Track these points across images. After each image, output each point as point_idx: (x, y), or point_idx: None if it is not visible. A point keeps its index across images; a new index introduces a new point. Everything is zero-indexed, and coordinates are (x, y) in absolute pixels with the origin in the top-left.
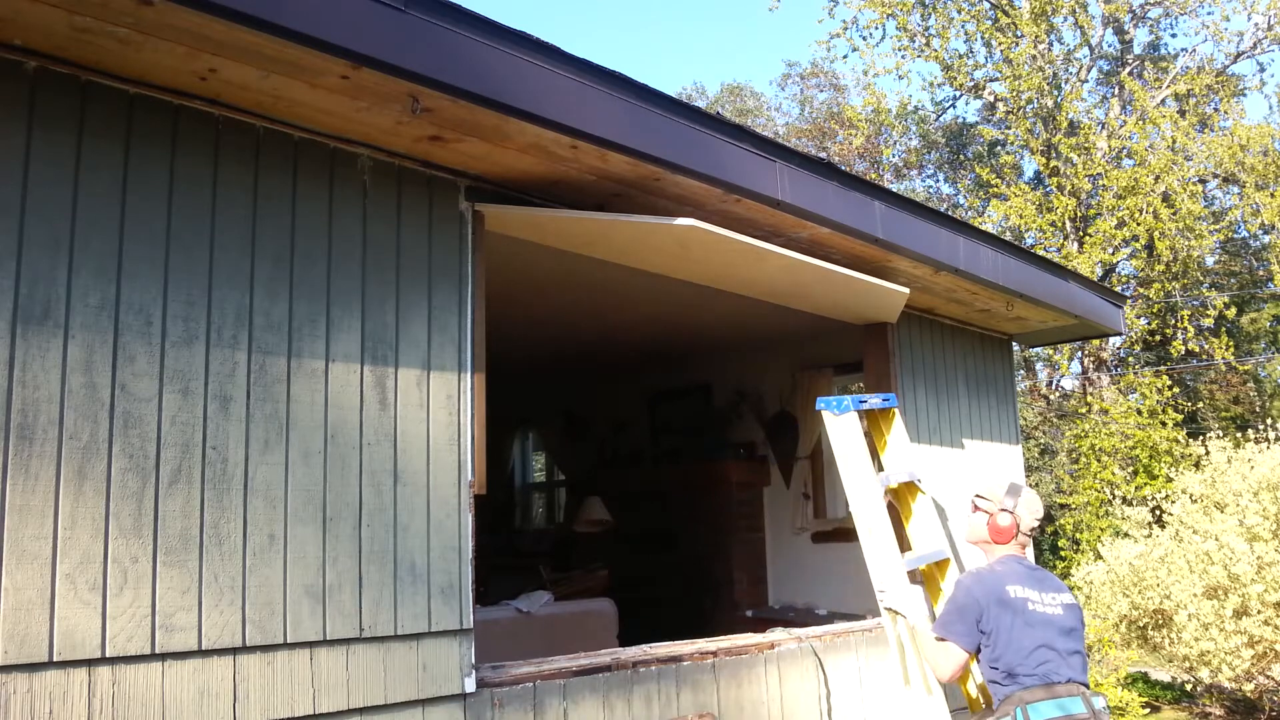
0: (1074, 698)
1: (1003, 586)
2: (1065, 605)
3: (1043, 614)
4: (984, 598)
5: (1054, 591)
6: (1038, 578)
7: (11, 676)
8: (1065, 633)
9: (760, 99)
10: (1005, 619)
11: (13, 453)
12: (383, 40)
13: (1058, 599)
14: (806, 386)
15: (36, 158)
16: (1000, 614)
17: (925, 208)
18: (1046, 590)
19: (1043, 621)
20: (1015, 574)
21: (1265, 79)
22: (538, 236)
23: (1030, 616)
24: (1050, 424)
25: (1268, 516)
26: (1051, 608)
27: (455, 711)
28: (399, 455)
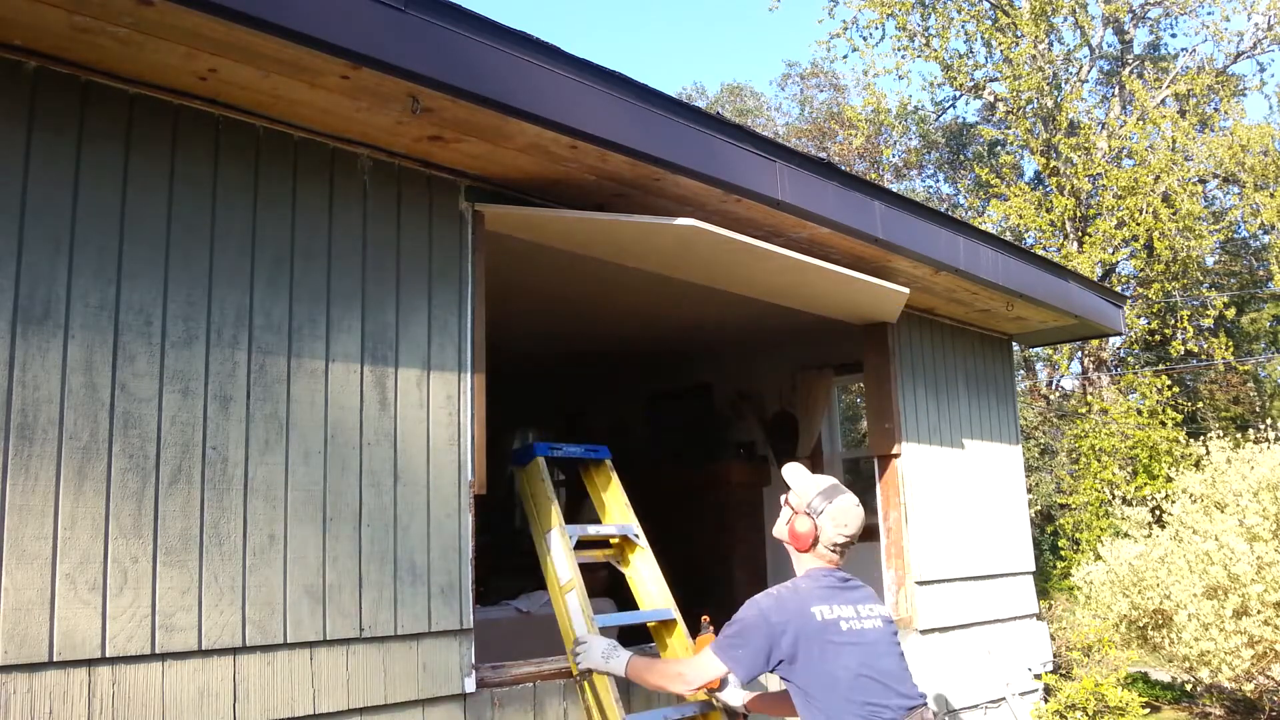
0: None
1: (808, 609)
2: (883, 618)
3: (859, 631)
4: (782, 623)
5: (869, 603)
6: (848, 589)
7: (11, 676)
8: (887, 651)
9: (760, 99)
10: (813, 649)
11: (13, 453)
12: (383, 40)
13: (875, 611)
14: (806, 386)
15: (36, 158)
16: (807, 644)
17: (925, 208)
18: (861, 603)
19: (860, 644)
20: (822, 591)
21: (1265, 79)
22: (538, 236)
23: (845, 638)
24: (1050, 424)
25: (1268, 516)
26: (869, 621)
27: (455, 711)
28: (399, 455)
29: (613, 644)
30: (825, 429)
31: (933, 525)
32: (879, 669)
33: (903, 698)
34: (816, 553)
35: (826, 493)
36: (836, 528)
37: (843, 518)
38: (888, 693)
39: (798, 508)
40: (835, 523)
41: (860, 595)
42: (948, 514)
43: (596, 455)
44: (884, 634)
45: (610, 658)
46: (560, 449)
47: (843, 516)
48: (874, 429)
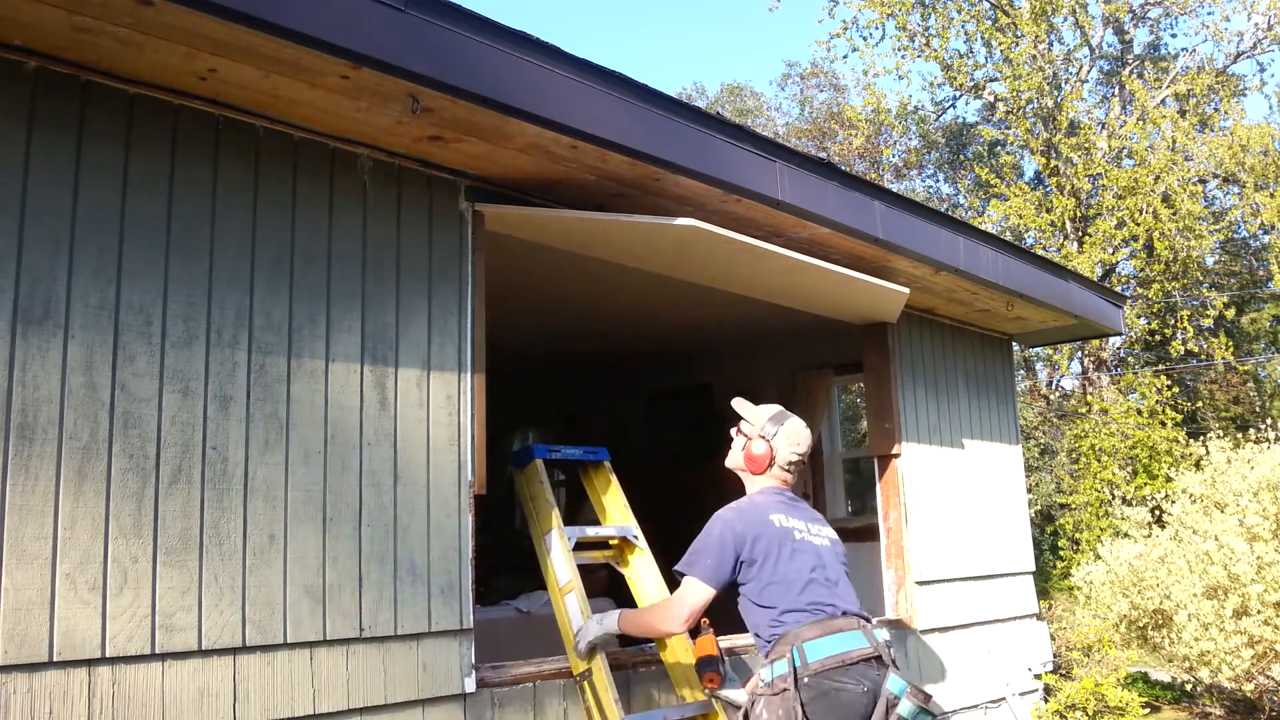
0: (854, 632)
1: (766, 516)
2: (830, 539)
3: (811, 543)
4: (745, 529)
5: (819, 524)
6: (800, 509)
7: (11, 676)
8: (835, 563)
9: (760, 99)
10: (771, 550)
11: (13, 453)
12: (382, 40)
13: (823, 531)
14: (806, 386)
15: (36, 158)
16: (766, 545)
17: (925, 208)
18: (812, 522)
19: (812, 551)
20: (776, 504)
21: (1265, 79)
22: (538, 236)
23: (798, 545)
24: (1050, 424)
25: (1268, 516)
26: (819, 538)
27: (455, 711)
28: (399, 455)
29: (601, 615)
30: (825, 429)
31: (933, 525)
32: (828, 576)
33: (847, 604)
34: (771, 473)
35: (776, 418)
36: (790, 446)
37: (794, 438)
38: (834, 595)
39: (751, 434)
40: (789, 442)
41: (810, 515)
42: (948, 514)
43: (595, 457)
44: (832, 551)
45: (604, 622)
46: (559, 451)
47: (794, 436)
48: (874, 429)
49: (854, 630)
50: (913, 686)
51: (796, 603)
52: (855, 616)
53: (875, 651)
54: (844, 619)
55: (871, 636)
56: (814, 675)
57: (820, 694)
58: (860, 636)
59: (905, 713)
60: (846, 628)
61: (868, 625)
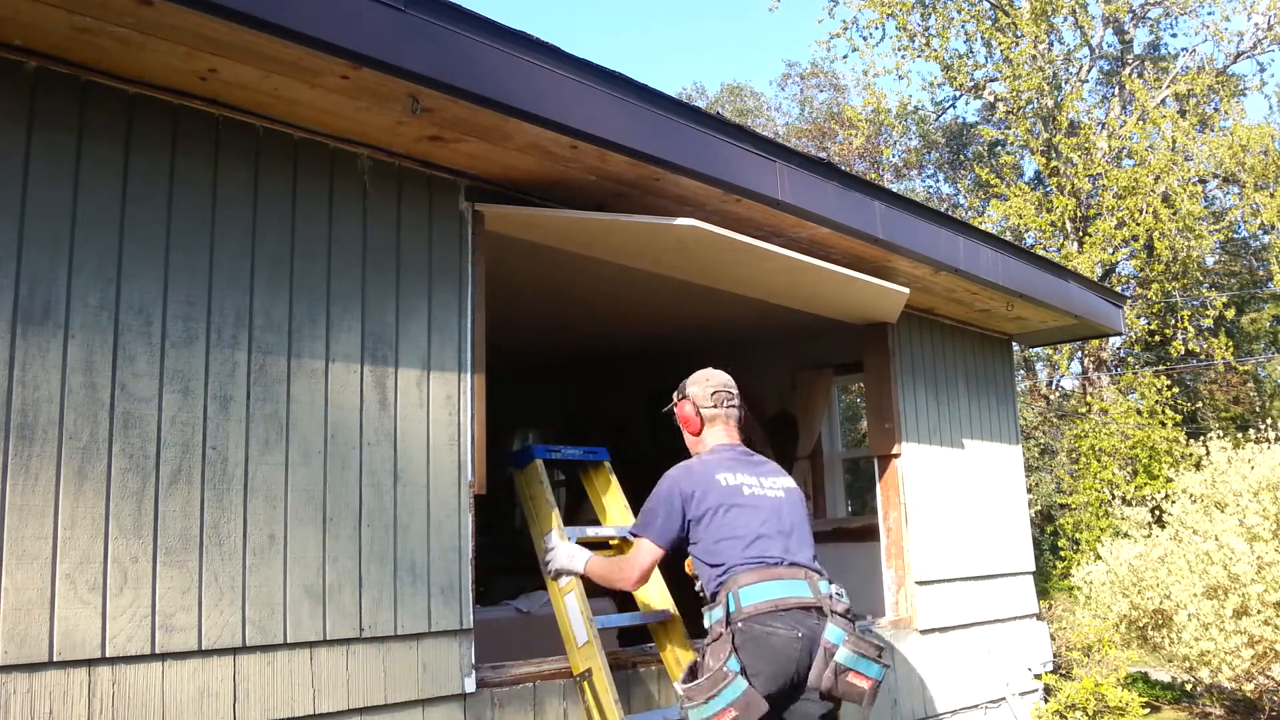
0: (795, 580)
1: (713, 476)
2: (786, 489)
3: (760, 496)
4: (691, 488)
5: (773, 476)
6: (753, 463)
7: (11, 676)
8: (789, 514)
9: (760, 99)
10: (719, 508)
11: (13, 453)
12: (382, 40)
13: (778, 483)
14: (806, 386)
15: (36, 158)
16: (713, 503)
17: (925, 208)
18: (765, 475)
19: (761, 505)
20: (725, 461)
21: (1265, 79)
22: (538, 236)
23: (747, 501)
24: (1050, 424)
25: (1268, 516)
26: (772, 490)
27: (455, 711)
28: (399, 455)
29: (576, 548)
30: (825, 429)
31: (933, 525)
32: (780, 528)
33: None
34: (710, 429)
35: (693, 379)
36: (703, 389)
37: (703, 379)
38: (782, 548)
39: (675, 407)
40: (701, 387)
41: (765, 469)
42: (948, 514)
43: (595, 457)
44: (785, 501)
45: (574, 559)
46: (559, 451)
47: (702, 378)
48: (874, 429)
49: (796, 579)
50: (855, 636)
51: (742, 557)
52: (802, 567)
53: (816, 601)
54: (786, 568)
55: (815, 587)
56: (746, 619)
57: (751, 638)
58: (802, 585)
59: (843, 659)
60: (787, 576)
61: (814, 575)
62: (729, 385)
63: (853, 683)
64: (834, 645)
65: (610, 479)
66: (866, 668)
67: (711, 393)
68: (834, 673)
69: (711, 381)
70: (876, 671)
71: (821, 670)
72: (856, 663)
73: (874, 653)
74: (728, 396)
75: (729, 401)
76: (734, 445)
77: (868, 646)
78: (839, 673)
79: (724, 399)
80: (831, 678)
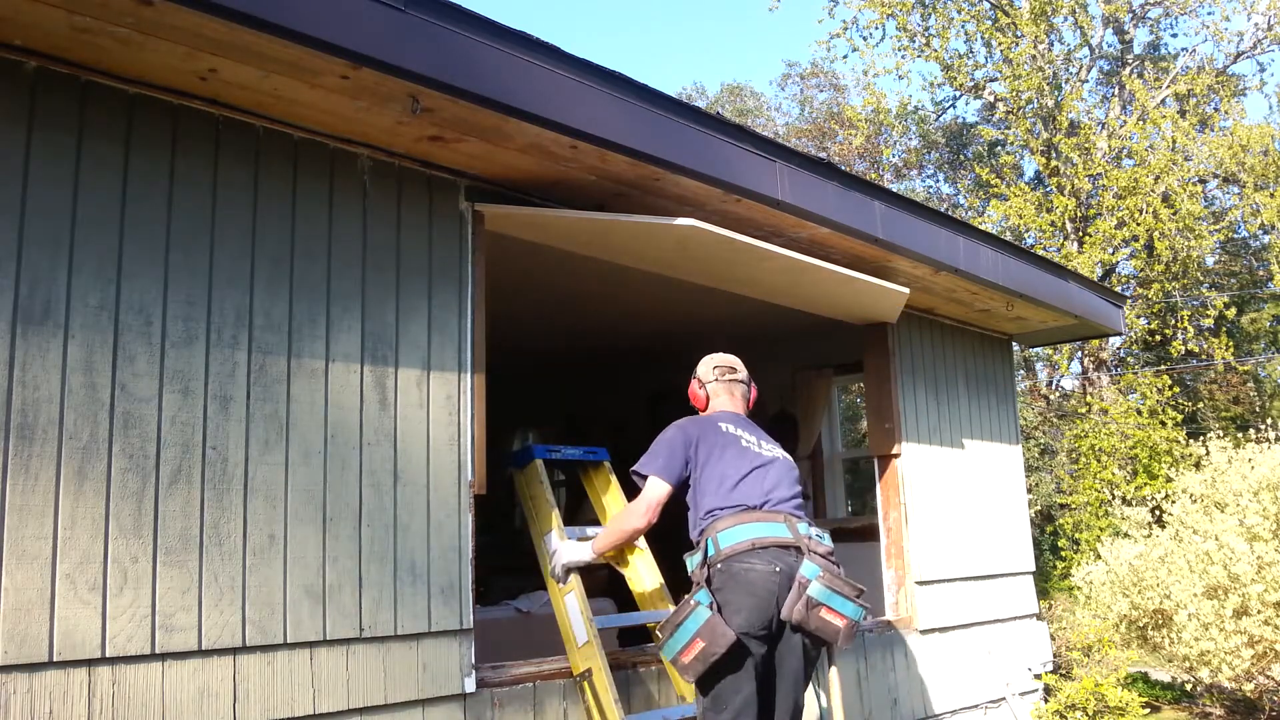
0: (774, 523)
1: (715, 423)
2: (782, 456)
3: (755, 452)
4: (694, 432)
5: (770, 443)
6: (753, 426)
7: (11, 676)
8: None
9: (760, 99)
10: (715, 452)
11: (13, 453)
12: (382, 40)
13: (775, 450)
14: (806, 386)
15: (36, 158)
16: (709, 447)
17: (925, 208)
18: (763, 439)
19: (750, 455)
20: (728, 417)
21: (1265, 79)
22: (538, 236)
23: (743, 450)
24: (1050, 424)
25: (1268, 516)
26: (768, 451)
27: (455, 711)
28: (399, 455)
29: (574, 542)
30: (825, 429)
31: (933, 525)
32: (766, 482)
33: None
34: (714, 399)
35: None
36: (706, 367)
37: (707, 359)
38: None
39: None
40: (705, 365)
41: (763, 435)
42: (948, 514)
43: (595, 457)
44: (781, 464)
45: (579, 549)
46: (559, 451)
47: (707, 358)
48: (874, 429)
49: (774, 521)
50: (830, 574)
51: (726, 500)
52: (782, 511)
53: (794, 541)
54: (766, 511)
55: (794, 528)
56: (725, 559)
57: (730, 576)
58: (780, 526)
59: (815, 593)
60: (766, 519)
61: (794, 518)
62: (730, 361)
63: (826, 619)
64: (808, 579)
65: (610, 479)
66: (840, 605)
67: (713, 368)
68: (805, 606)
69: (714, 359)
70: (852, 611)
71: (794, 604)
72: (829, 598)
73: (851, 592)
74: (728, 370)
75: (730, 375)
76: (738, 413)
77: (844, 585)
78: (811, 607)
79: (724, 373)
80: (804, 611)
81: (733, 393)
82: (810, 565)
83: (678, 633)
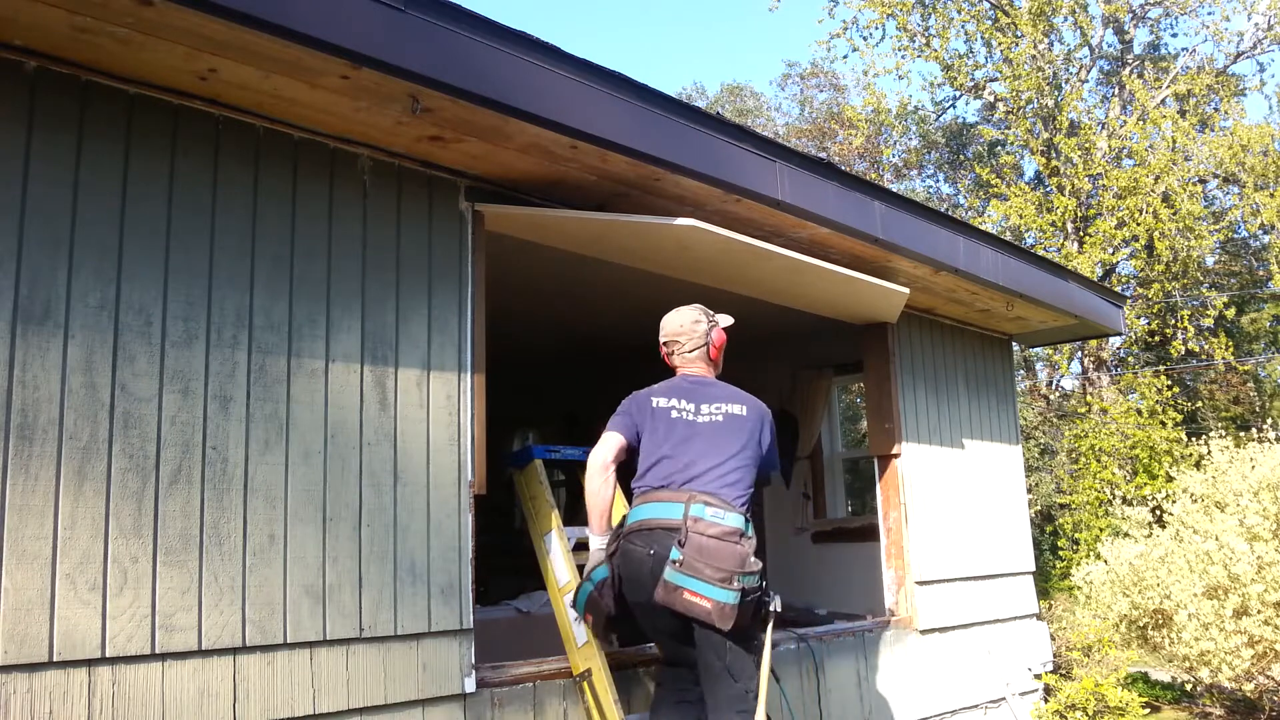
0: (671, 504)
1: (648, 398)
2: (728, 414)
3: (688, 422)
4: (635, 408)
5: (717, 402)
6: (697, 390)
7: (11, 676)
8: (707, 441)
9: (760, 99)
10: (647, 428)
11: (13, 453)
12: (383, 40)
13: (721, 408)
14: (806, 386)
15: (36, 158)
16: (645, 424)
17: (925, 208)
18: (707, 400)
19: (684, 431)
20: (667, 389)
21: (1265, 79)
22: (538, 236)
23: (671, 423)
24: (1050, 424)
25: (1268, 516)
26: (706, 416)
27: (455, 711)
28: (399, 455)
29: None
30: (825, 429)
31: (933, 525)
32: (690, 453)
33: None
34: (670, 362)
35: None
36: (663, 333)
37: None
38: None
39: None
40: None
41: (708, 395)
42: (948, 514)
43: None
44: (721, 426)
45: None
46: (559, 451)
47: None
48: (874, 429)
49: (674, 502)
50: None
51: (642, 480)
52: (690, 490)
53: (679, 523)
54: (673, 491)
55: (689, 509)
56: (623, 538)
57: (622, 554)
58: (675, 508)
59: (669, 576)
60: (669, 499)
61: (699, 497)
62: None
63: (690, 600)
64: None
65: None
66: (700, 587)
67: (661, 339)
68: (664, 590)
69: (663, 328)
70: (716, 593)
71: (656, 586)
72: (685, 581)
73: (715, 575)
74: (676, 334)
75: (675, 341)
76: (689, 375)
77: (706, 567)
78: (670, 590)
79: (670, 340)
80: (663, 593)
81: (686, 355)
82: (674, 550)
83: (576, 606)
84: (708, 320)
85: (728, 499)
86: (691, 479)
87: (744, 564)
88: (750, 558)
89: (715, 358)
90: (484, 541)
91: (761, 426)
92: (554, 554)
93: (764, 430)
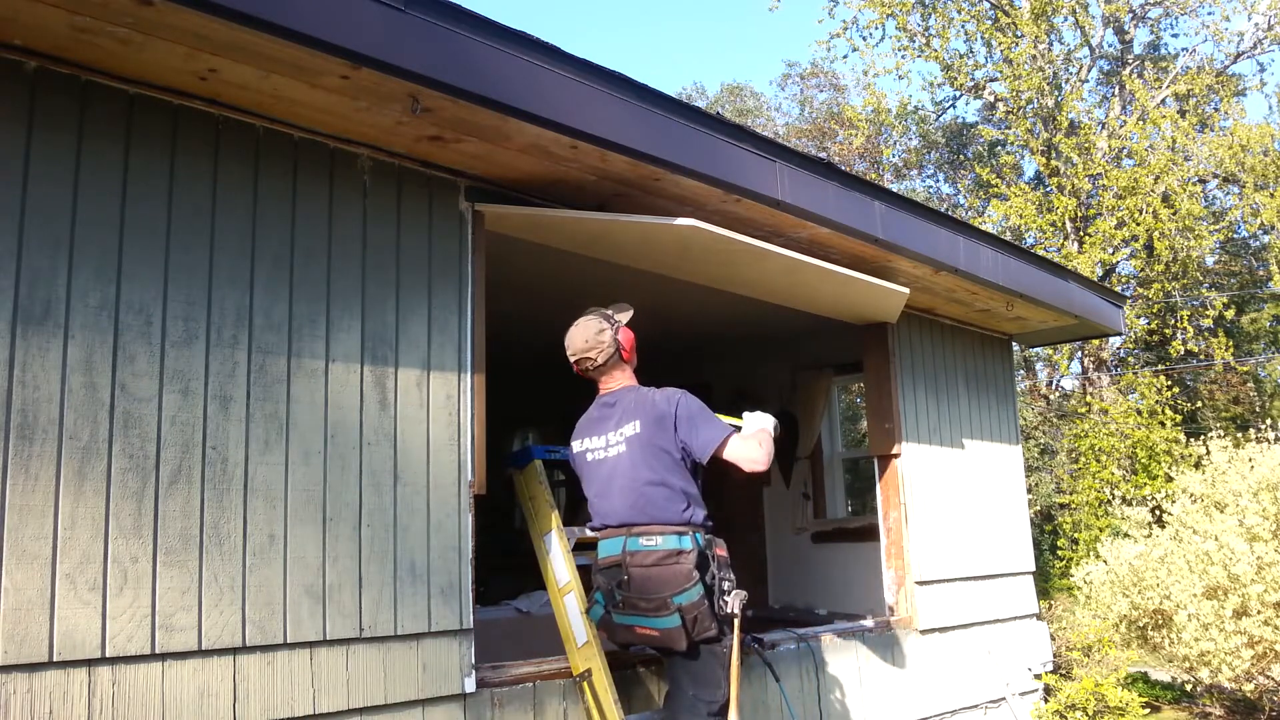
0: (614, 539)
1: (574, 442)
2: (628, 438)
3: (599, 462)
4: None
5: (621, 427)
6: (604, 419)
7: (11, 676)
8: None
9: (760, 99)
10: (581, 475)
11: (13, 453)
12: (383, 40)
13: (622, 434)
14: (806, 386)
15: (36, 158)
16: (580, 470)
17: (925, 208)
18: (612, 429)
19: (598, 472)
20: (585, 425)
21: (1265, 79)
22: (538, 236)
23: (588, 470)
24: (1050, 424)
25: (1268, 516)
26: (614, 449)
27: (455, 711)
28: (399, 455)
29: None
30: (825, 429)
31: (933, 525)
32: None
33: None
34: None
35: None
36: (570, 354)
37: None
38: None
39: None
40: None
41: (613, 421)
42: (948, 514)
43: None
44: (624, 456)
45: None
46: (559, 451)
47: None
48: (874, 429)
49: (616, 538)
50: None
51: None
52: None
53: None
54: (613, 529)
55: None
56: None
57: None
58: (616, 543)
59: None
60: (610, 535)
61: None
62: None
63: (641, 635)
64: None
65: None
66: (642, 621)
67: (571, 357)
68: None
69: (569, 346)
70: (657, 623)
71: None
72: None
73: (649, 606)
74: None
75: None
76: (603, 396)
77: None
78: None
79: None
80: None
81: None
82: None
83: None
84: (610, 325)
85: (660, 520)
86: (619, 513)
87: (682, 583)
88: (691, 572)
89: (628, 358)
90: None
91: (660, 427)
92: (554, 554)
93: (669, 425)
